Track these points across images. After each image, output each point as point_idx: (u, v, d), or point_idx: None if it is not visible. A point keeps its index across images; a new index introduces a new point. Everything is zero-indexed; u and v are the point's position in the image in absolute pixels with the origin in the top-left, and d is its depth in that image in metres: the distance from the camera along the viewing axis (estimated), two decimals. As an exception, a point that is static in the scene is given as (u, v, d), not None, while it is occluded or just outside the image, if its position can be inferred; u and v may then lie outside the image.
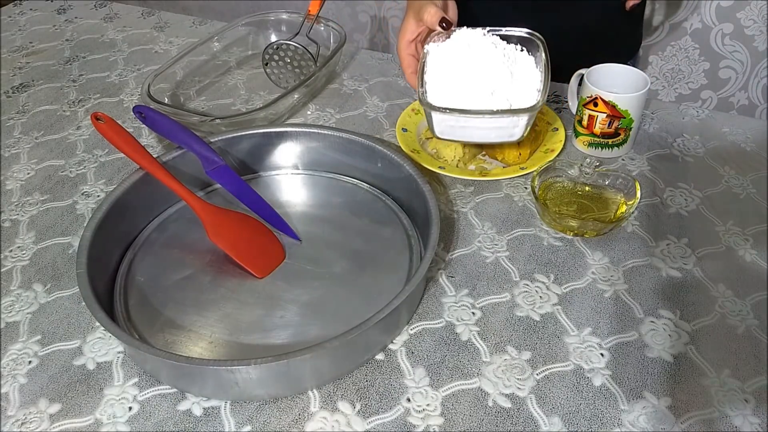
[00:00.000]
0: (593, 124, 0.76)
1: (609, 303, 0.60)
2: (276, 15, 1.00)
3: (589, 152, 0.78)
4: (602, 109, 0.74)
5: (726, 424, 0.50)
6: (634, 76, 0.77)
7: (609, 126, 0.75)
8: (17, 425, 0.51)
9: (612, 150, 0.77)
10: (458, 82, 0.66)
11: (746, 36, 1.40)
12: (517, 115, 0.64)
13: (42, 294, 0.62)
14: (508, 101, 0.65)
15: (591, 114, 0.75)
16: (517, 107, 0.65)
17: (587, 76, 0.77)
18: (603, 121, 0.75)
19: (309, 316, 0.59)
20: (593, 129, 0.76)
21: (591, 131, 0.77)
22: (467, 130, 0.67)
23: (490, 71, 0.65)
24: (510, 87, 0.65)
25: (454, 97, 0.65)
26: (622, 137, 0.76)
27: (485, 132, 0.66)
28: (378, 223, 0.68)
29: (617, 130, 0.75)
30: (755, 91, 1.48)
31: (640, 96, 0.73)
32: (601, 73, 0.77)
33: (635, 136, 0.79)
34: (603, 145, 0.77)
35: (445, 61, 0.67)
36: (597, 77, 0.76)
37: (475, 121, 0.65)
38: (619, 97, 0.73)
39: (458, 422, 0.50)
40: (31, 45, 1.07)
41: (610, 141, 0.76)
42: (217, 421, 0.51)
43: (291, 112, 0.87)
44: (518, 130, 0.65)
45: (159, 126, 0.70)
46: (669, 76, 1.55)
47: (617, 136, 0.76)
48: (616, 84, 0.77)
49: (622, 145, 0.77)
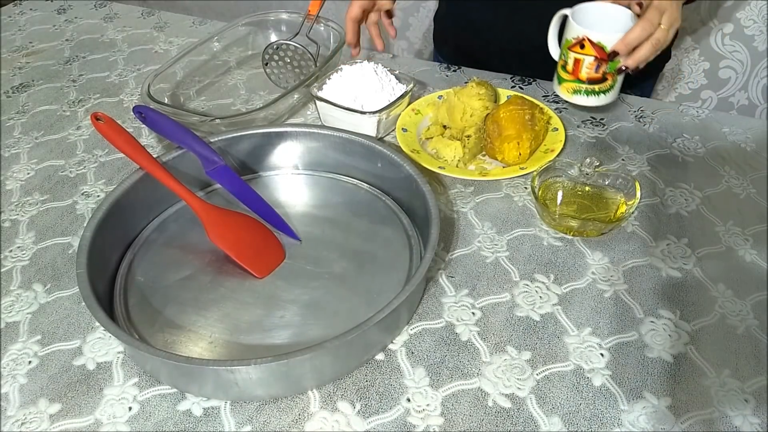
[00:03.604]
0: (579, 69, 0.71)
1: (609, 303, 0.60)
2: (276, 15, 1.00)
3: (574, 100, 0.74)
4: (589, 51, 0.69)
5: (726, 424, 0.50)
6: (619, 14, 0.73)
7: (596, 70, 0.70)
8: (17, 425, 0.51)
9: (598, 97, 0.73)
10: (342, 88, 0.82)
11: (746, 36, 1.40)
12: (361, 114, 0.78)
13: (42, 294, 0.62)
14: (362, 107, 0.79)
15: (577, 57, 0.71)
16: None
17: (572, 16, 0.72)
18: (590, 65, 0.70)
19: (309, 316, 0.59)
20: (579, 74, 0.72)
21: (576, 77, 0.72)
22: (336, 120, 0.80)
23: (359, 84, 0.81)
24: (371, 99, 0.80)
25: (334, 97, 0.80)
26: (610, 82, 0.72)
27: (345, 125, 0.78)
28: (378, 223, 0.68)
29: (605, 75, 0.71)
30: (755, 91, 1.48)
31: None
32: (587, 12, 0.72)
33: (621, 83, 0.75)
34: (589, 91, 0.73)
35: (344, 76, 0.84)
36: (582, 17, 0.71)
37: (335, 112, 0.79)
38: (609, 38, 0.68)
39: (458, 422, 0.50)
40: (31, 45, 1.07)
41: (597, 87, 0.72)
42: (217, 421, 0.51)
43: (291, 112, 0.87)
44: (370, 129, 0.79)
45: (159, 126, 0.70)
46: (669, 76, 1.55)
47: (604, 81, 0.71)
48: (603, 24, 0.71)
49: (609, 91, 0.73)
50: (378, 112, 0.77)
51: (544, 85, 0.90)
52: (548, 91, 0.89)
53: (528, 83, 0.91)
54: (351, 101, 0.80)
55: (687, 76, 1.53)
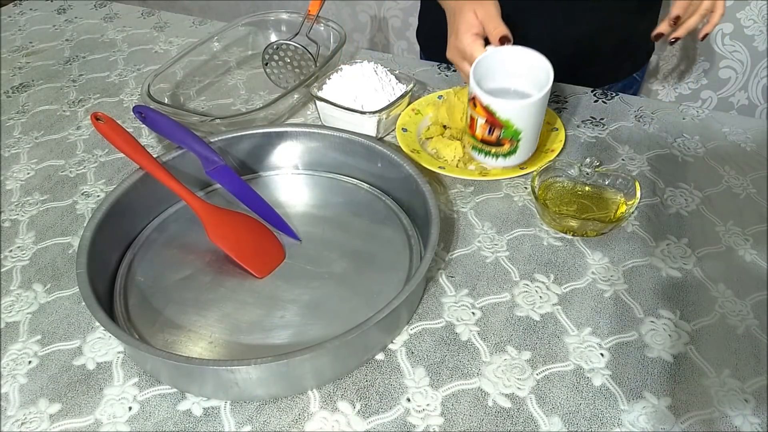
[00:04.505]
0: (474, 127, 0.62)
1: (609, 303, 0.60)
2: (276, 15, 1.00)
3: (473, 155, 0.66)
4: (480, 112, 0.60)
5: (726, 424, 0.50)
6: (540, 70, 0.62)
7: (489, 133, 0.61)
8: (17, 425, 0.51)
9: (497, 159, 0.64)
10: (342, 88, 0.81)
11: (746, 36, 1.40)
12: (361, 114, 0.77)
13: (42, 294, 0.62)
14: (362, 107, 0.79)
15: (471, 114, 0.62)
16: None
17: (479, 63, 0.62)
18: (483, 127, 0.61)
19: (309, 316, 0.59)
20: (474, 132, 0.63)
21: (473, 134, 0.64)
22: (336, 120, 0.80)
23: (359, 84, 0.81)
24: (371, 99, 0.80)
25: (334, 97, 0.80)
26: (508, 148, 0.62)
27: (345, 124, 0.78)
28: (378, 223, 0.68)
29: (500, 140, 0.61)
30: (755, 91, 1.48)
31: (527, 106, 0.58)
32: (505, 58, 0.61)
33: (532, 146, 0.65)
34: (485, 152, 0.64)
35: (344, 76, 0.83)
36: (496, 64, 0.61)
37: (335, 112, 0.79)
38: (498, 103, 0.58)
39: (458, 422, 0.50)
40: (31, 45, 1.07)
41: (493, 150, 0.63)
42: (217, 421, 0.51)
43: (291, 112, 0.87)
44: (370, 129, 0.78)
45: (159, 126, 0.70)
46: (669, 76, 1.55)
47: (500, 145, 0.62)
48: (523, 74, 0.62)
49: (510, 155, 0.63)
50: (378, 112, 0.77)
51: (544, 85, 0.90)
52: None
53: (528, 83, 0.91)
54: (351, 101, 0.79)
55: (687, 76, 1.53)
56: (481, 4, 0.67)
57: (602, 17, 0.90)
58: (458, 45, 0.67)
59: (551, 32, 0.89)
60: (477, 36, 0.66)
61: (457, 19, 0.68)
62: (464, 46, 0.66)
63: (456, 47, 0.68)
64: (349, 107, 0.78)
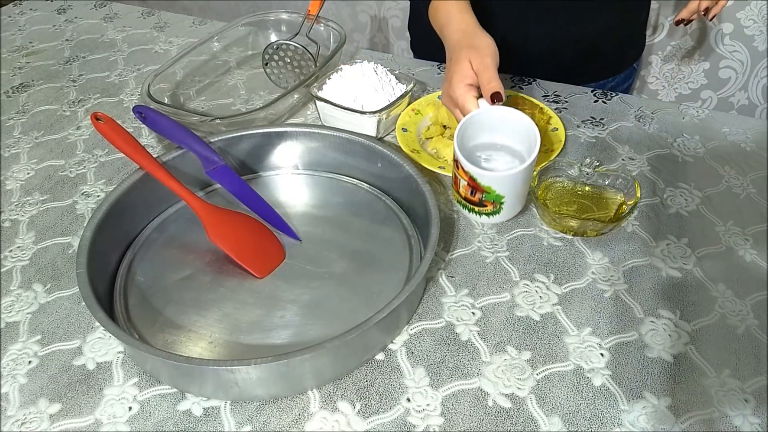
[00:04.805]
0: (458, 184, 0.62)
1: (609, 303, 0.60)
2: (276, 15, 1.00)
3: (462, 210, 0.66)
4: (462, 175, 0.60)
5: (726, 424, 0.50)
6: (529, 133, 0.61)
7: (472, 194, 0.61)
8: (17, 425, 0.51)
9: (480, 217, 0.63)
10: (342, 88, 0.82)
11: (746, 36, 1.40)
12: (361, 114, 0.77)
13: (42, 294, 0.62)
14: (362, 107, 0.79)
15: (455, 173, 0.62)
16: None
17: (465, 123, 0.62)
18: (466, 188, 0.61)
19: (309, 316, 0.59)
20: (458, 189, 0.63)
21: (457, 190, 0.63)
22: (336, 120, 0.80)
23: (359, 84, 0.81)
24: (371, 99, 0.80)
25: (334, 97, 0.80)
26: (491, 209, 0.61)
27: (345, 124, 0.78)
28: (378, 223, 0.68)
29: (482, 202, 0.61)
30: (755, 91, 1.48)
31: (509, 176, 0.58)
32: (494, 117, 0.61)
33: (516, 207, 0.64)
34: (469, 209, 0.64)
35: (344, 76, 0.84)
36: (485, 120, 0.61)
37: (335, 112, 0.79)
38: (478, 172, 0.58)
39: (458, 422, 0.50)
40: (31, 45, 1.07)
41: (477, 209, 0.63)
42: (217, 421, 0.51)
43: (291, 112, 0.87)
44: (370, 129, 0.79)
45: (159, 126, 0.70)
46: (669, 76, 1.55)
47: (483, 206, 0.62)
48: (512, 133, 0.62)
49: (493, 215, 0.62)
50: (378, 112, 0.77)
51: (544, 85, 0.90)
52: (548, 91, 0.89)
53: (528, 83, 0.91)
54: (351, 101, 0.80)
55: (687, 76, 1.53)
56: (478, 52, 0.66)
57: (603, 18, 0.90)
58: (451, 94, 0.67)
59: (552, 33, 0.90)
60: (470, 87, 0.65)
61: (453, 67, 0.67)
62: (456, 96, 0.66)
63: (449, 95, 0.68)
64: (349, 107, 0.78)
